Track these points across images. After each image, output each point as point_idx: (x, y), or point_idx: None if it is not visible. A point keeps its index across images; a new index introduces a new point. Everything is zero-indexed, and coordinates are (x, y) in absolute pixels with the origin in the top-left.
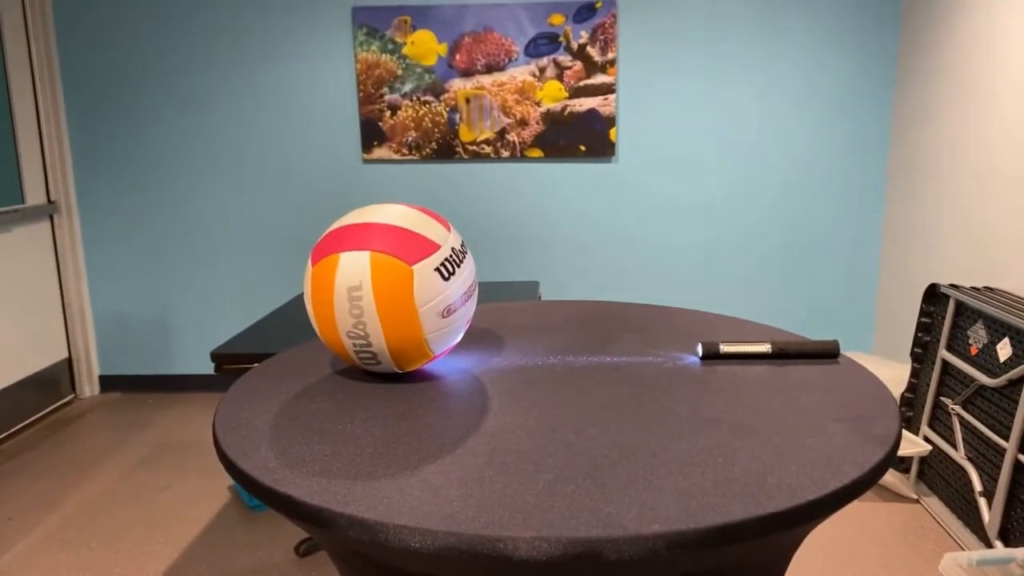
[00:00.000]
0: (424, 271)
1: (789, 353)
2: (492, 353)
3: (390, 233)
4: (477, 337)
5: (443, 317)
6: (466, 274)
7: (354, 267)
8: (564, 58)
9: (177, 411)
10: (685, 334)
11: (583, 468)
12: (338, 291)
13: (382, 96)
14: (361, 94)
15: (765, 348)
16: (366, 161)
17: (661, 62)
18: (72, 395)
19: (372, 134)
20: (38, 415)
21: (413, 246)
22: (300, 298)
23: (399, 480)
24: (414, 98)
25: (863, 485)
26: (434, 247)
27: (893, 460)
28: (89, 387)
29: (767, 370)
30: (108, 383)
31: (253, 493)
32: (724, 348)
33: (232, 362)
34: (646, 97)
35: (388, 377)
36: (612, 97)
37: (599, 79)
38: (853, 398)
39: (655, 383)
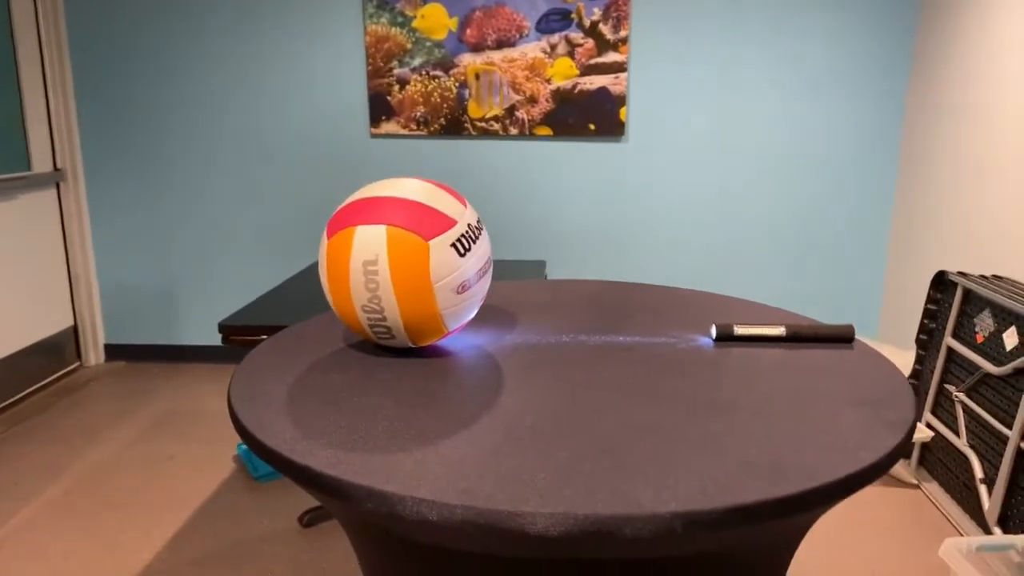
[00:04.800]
0: (440, 246)
1: (803, 337)
2: (505, 330)
3: (407, 207)
4: (489, 314)
5: (458, 293)
6: (482, 251)
7: (370, 241)
8: (576, 35)
9: (182, 381)
10: (697, 315)
11: (599, 446)
12: (354, 265)
13: (391, 70)
14: (370, 67)
15: (779, 331)
16: (374, 135)
17: (674, 42)
18: (78, 363)
19: (380, 108)
20: (43, 382)
21: (430, 221)
22: (307, 270)
23: (416, 454)
24: (423, 73)
25: (879, 470)
26: (450, 223)
27: (908, 446)
28: (95, 355)
29: (781, 353)
30: (113, 352)
31: (271, 463)
32: (738, 330)
33: (239, 334)
34: (658, 77)
35: (401, 351)
36: (623, 76)
37: (611, 57)
38: (868, 383)
39: (669, 364)
